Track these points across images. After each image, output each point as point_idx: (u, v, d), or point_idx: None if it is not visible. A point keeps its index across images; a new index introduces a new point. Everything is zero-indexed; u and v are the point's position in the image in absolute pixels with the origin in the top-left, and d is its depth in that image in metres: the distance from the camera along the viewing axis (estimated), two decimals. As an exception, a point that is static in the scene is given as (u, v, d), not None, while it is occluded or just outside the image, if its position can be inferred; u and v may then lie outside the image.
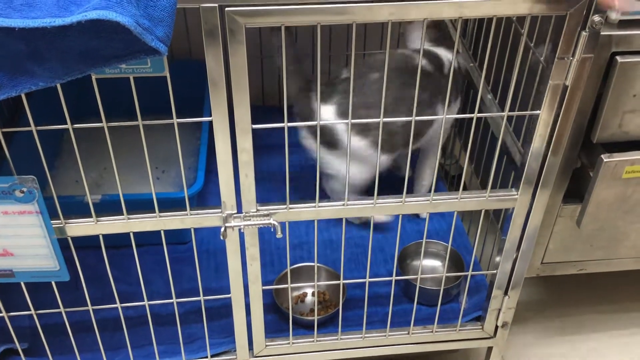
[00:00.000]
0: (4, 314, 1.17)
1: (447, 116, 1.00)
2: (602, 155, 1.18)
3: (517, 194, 1.15)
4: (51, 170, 1.68)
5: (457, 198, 1.14)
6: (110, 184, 1.69)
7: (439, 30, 1.50)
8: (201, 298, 1.21)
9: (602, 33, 1.00)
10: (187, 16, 1.77)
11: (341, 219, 1.19)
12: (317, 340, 1.33)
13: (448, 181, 1.87)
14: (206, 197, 1.65)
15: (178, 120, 0.97)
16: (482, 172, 1.60)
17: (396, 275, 1.29)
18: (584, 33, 0.96)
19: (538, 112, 1.05)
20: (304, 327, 1.40)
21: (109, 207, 1.10)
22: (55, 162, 1.74)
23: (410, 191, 1.58)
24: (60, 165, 1.73)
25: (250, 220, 1.09)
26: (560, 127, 1.06)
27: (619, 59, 1.10)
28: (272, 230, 1.10)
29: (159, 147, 1.73)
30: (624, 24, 1.07)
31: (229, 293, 1.21)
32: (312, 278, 1.46)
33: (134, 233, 1.10)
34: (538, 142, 1.08)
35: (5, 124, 0.94)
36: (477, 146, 1.57)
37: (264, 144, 1.56)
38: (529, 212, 1.18)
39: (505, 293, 1.30)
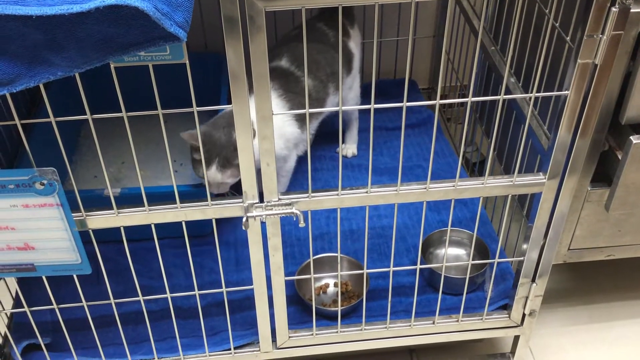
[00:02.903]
0: (26, 308, 1.16)
1: (474, 99, 0.97)
2: (631, 137, 1.15)
3: (545, 179, 1.12)
4: (69, 165, 1.68)
5: (482, 184, 1.12)
6: (129, 179, 1.68)
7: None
8: (223, 290, 1.19)
9: (632, 10, 0.97)
10: (203, 8, 1.76)
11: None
12: (340, 331, 1.32)
13: (469, 169, 1.85)
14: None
15: (198, 108, 0.95)
16: (505, 158, 1.57)
17: (420, 265, 1.26)
18: (613, 9, 0.93)
19: (566, 92, 1.02)
20: (326, 318, 1.39)
21: (128, 200, 1.09)
22: (73, 157, 1.74)
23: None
24: (78, 160, 1.73)
25: (272, 209, 1.08)
26: (589, 107, 1.03)
27: (648, 36, 1.07)
28: (294, 219, 1.08)
29: (177, 140, 1.72)
30: (653, 0, 1.03)
31: (250, 285, 1.20)
32: (334, 269, 1.44)
33: (155, 226, 1.09)
34: (566, 124, 1.05)
35: (22, 119, 0.93)
36: (500, 132, 1.55)
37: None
38: (557, 197, 1.15)
39: (533, 280, 1.27)
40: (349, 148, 1.80)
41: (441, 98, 0.99)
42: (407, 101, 0.99)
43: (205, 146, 1.36)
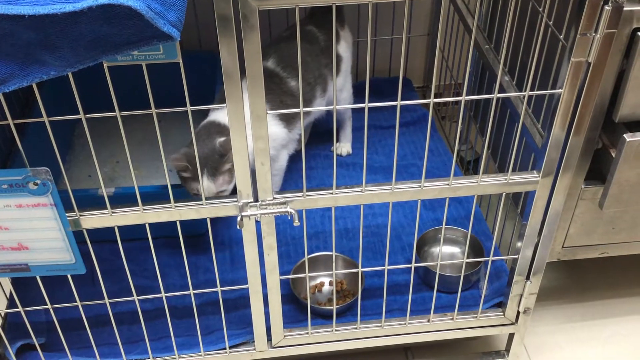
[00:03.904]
0: (20, 309, 1.16)
1: (468, 97, 0.97)
2: (624, 135, 1.16)
3: (539, 177, 1.12)
4: (63, 165, 1.68)
5: (476, 182, 1.12)
6: (122, 178, 1.68)
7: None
8: (218, 289, 1.19)
9: (624, 8, 0.97)
10: (197, 6, 1.75)
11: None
12: (335, 330, 1.32)
13: (464, 167, 1.85)
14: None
15: (192, 108, 0.95)
16: (499, 156, 1.57)
17: (414, 263, 1.27)
18: (606, 8, 0.93)
19: (560, 91, 1.02)
20: (322, 317, 1.39)
21: (122, 199, 1.09)
22: (67, 157, 1.73)
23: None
24: (72, 160, 1.73)
25: (266, 208, 1.08)
26: (582, 105, 1.04)
27: (641, 35, 1.07)
28: (289, 218, 1.08)
29: (170, 139, 1.72)
30: (645, -2, 1.04)
31: (245, 284, 1.20)
32: (329, 267, 1.44)
33: (149, 225, 1.08)
34: (560, 122, 1.06)
35: (16, 119, 0.93)
36: (494, 130, 1.55)
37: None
38: (551, 195, 1.15)
39: (527, 278, 1.28)
40: (343, 147, 1.80)
41: (435, 96, 0.99)
42: (402, 100, 0.99)
43: (192, 164, 1.34)
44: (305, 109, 0.98)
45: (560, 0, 1.13)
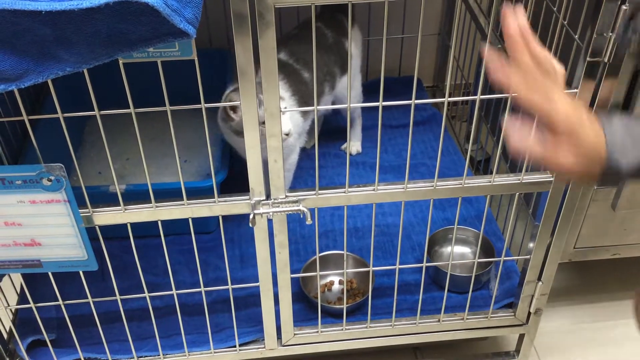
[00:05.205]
0: (31, 305, 1.16)
1: (483, 97, 0.97)
2: (639, 136, 1.15)
3: (552, 177, 1.12)
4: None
5: (490, 181, 1.11)
6: (133, 175, 1.68)
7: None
8: (229, 287, 1.19)
9: (641, 8, 0.97)
10: (208, 3, 1.75)
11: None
12: (345, 329, 1.31)
13: (474, 167, 1.84)
14: (228, 189, 1.63)
15: (206, 105, 0.95)
16: (510, 155, 1.57)
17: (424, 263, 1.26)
18: (624, 7, 0.93)
19: (575, 91, 1.01)
20: (331, 316, 1.38)
21: (133, 196, 1.09)
22: (77, 154, 1.73)
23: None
24: (82, 157, 1.73)
25: (279, 206, 1.07)
26: (597, 106, 1.03)
27: (657, 35, 1.06)
28: (301, 216, 1.08)
29: (181, 136, 1.72)
30: (662, -2, 1.03)
31: (254, 282, 1.20)
32: (339, 266, 1.44)
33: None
34: (574, 122, 1.05)
35: (27, 114, 0.93)
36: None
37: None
38: (564, 196, 1.15)
39: (539, 279, 1.27)
40: (353, 145, 1.80)
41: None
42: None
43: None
44: (320, 107, 0.98)
45: (574, 0, 1.13)
